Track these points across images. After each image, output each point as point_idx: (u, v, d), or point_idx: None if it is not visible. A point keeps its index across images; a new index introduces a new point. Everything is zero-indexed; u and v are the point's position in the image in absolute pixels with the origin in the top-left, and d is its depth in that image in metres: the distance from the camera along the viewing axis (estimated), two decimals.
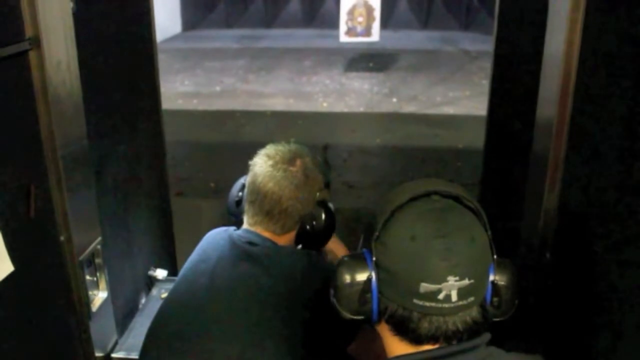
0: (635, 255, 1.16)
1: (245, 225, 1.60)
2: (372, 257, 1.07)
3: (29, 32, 1.25)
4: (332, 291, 1.13)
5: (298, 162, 1.58)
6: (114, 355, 1.70)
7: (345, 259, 1.13)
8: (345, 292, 1.10)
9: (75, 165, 1.42)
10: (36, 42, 1.25)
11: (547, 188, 1.44)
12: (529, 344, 1.45)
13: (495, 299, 1.08)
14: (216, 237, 1.60)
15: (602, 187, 1.30)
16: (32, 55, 1.26)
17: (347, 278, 1.09)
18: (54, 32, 1.31)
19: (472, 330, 1.04)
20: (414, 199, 1.07)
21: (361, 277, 1.08)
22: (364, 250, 1.11)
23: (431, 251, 1.00)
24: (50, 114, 1.31)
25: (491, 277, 1.07)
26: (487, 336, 1.06)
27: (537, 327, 1.53)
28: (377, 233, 1.07)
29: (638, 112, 1.17)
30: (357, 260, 1.10)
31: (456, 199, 1.08)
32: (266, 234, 1.56)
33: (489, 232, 1.07)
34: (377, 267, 1.06)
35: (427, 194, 1.08)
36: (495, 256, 1.08)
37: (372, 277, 1.06)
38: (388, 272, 1.05)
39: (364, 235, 1.14)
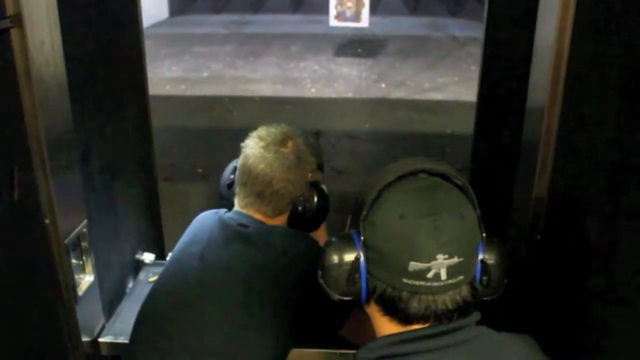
0: (625, 237, 1.16)
1: (236, 208, 1.59)
2: (360, 237, 1.06)
3: (10, 10, 1.22)
4: (319, 272, 1.12)
5: (290, 143, 1.56)
6: (101, 339, 1.68)
7: (333, 239, 1.12)
8: (334, 273, 1.09)
9: (59, 148, 1.40)
10: (18, 20, 1.22)
11: (537, 172, 1.43)
12: (519, 324, 1.45)
13: (484, 278, 1.07)
14: (206, 220, 1.59)
15: (593, 172, 1.30)
16: (13, 33, 1.23)
17: (335, 259, 1.08)
18: (36, 11, 1.28)
19: (462, 310, 1.04)
20: (401, 178, 1.06)
21: (349, 257, 1.07)
22: (352, 231, 1.09)
23: (420, 229, 0.99)
24: (34, 95, 1.29)
25: (480, 256, 1.06)
26: (476, 315, 1.06)
27: (527, 308, 1.54)
28: (365, 212, 1.06)
29: (630, 98, 1.17)
30: (344, 240, 1.09)
31: (444, 176, 1.08)
32: (257, 216, 1.55)
33: (478, 210, 1.07)
34: (366, 247, 1.05)
35: (415, 173, 1.07)
36: (484, 234, 1.07)
37: (360, 257, 1.06)
38: (377, 252, 1.04)
39: (352, 216, 1.13)
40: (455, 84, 8.06)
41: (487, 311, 1.11)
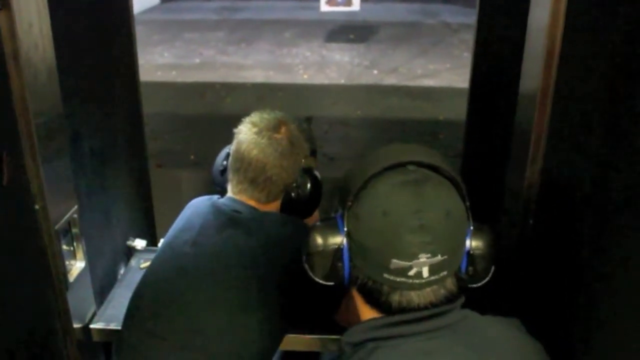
0: (617, 222, 1.16)
1: (229, 194, 1.58)
2: (344, 227, 1.04)
3: None
4: (304, 257, 1.11)
5: (283, 129, 1.55)
6: (92, 326, 1.68)
7: (319, 224, 1.10)
8: (317, 259, 1.08)
9: (49, 133, 1.38)
10: (5, 2, 1.20)
11: (530, 158, 1.43)
12: (509, 309, 1.46)
13: (470, 268, 1.07)
14: (199, 206, 1.58)
15: (585, 158, 1.30)
16: (1, 16, 1.20)
17: (320, 246, 1.08)
18: None
19: (446, 300, 1.03)
20: (388, 169, 1.03)
21: (333, 245, 1.06)
22: (337, 216, 1.08)
23: (404, 228, 0.97)
24: (23, 79, 1.27)
25: (467, 247, 1.05)
26: (460, 299, 1.05)
27: (518, 293, 1.54)
28: (349, 203, 1.04)
29: (623, 83, 1.17)
30: (329, 227, 1.07)
31: (433, 168, 1.04)
32: (251, 202, 1.54)
33: (467, 203, 1.04)
34: (349, 237, 1.04)
35: (403, 164, 1.04)
36: (472, 227, 1.05)
37: (343, 246, 1.05)
38: (359, 245, 1.02)
39: (339, 196, 1.11)
40: (448, 71, 8.06)
41: (478, 296, 1.10)
